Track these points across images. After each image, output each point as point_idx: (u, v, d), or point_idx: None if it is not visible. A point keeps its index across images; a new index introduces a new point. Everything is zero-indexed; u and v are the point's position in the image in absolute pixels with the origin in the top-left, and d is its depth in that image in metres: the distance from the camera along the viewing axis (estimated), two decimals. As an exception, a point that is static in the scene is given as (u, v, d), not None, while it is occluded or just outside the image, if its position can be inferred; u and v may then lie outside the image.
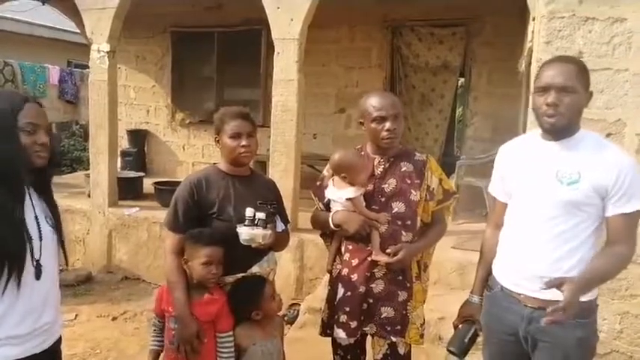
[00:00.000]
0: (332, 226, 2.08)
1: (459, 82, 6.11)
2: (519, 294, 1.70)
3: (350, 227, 2.01)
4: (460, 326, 1.91)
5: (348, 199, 2.02)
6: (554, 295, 1.57)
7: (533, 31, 3.53)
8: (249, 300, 1.96)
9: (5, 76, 8.45)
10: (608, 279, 1.71)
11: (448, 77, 5.75)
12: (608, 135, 2.90)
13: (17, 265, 1.35)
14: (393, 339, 2.05)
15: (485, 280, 1.89)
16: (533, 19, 3.49)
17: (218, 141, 2.06)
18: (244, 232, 1.93)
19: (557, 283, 1.50)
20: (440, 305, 3.45)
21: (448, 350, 1.91)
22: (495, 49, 5.38)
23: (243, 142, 1.99)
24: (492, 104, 5.50)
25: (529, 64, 3.68)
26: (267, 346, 2.01)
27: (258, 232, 1.93)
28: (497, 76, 5.43)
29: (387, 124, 1.98)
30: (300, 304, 3.89)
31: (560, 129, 1.61)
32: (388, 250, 1.97)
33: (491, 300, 1.83)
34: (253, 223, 1.94)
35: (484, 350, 1.93)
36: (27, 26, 10.72)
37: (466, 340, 1.86)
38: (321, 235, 2.31)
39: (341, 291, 2.08)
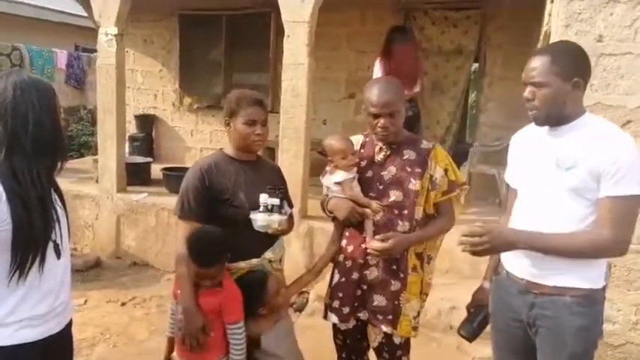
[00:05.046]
0: (327, 212, 2.10)
1: (473, 67, 5.99)
2: (522, 279, 1.71)
3: (339, 214, 2.02)
4: (472, 310, 1.98)
5: (337, 184, 2.02)
6: (557, 281, 1.61)
7: (550, 14, 3.42)
8: (253, 297, 1.96)
9: (12, 61, 8.39)
10: (572, 255, 1.60)
11: (462, 63, 5.62)
12: (628, 122, 2.81)
13: (43, 248, 1.38)
14: (384, 329, 2.03)
15: (497, 265, 1.89)
16: (552, 2, 3.38)
17: (229, 124, 2.01)
18: (260, 219, 1.91)
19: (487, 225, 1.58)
20: (451, 294, 3.41)
21: (459, 334, 1.98)
22: (511, 33, 5.25)
23: (258, 131, 1.97)
24: (507, 90, 5.38)
25: (546, 48, 3.58)
26: (279, 328, 2.03)
27: (275, 217, 1.92)
28: (513, 61, 5.28)
29: (381, 122, 1.95)
30: (309, 292, 3.87)
31: (541, 121, 1.66)
32: (378, 237, 1.96)
33: (498, 285, 1.85)
34: (268, 209, 1.92)
35: (491, 337, 1.92)
36: (34, 10, 10.67)
37: (475, 325, 1.92)
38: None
39: (336, 277, 2.11)
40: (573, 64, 1.60)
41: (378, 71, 4.59)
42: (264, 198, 1.93)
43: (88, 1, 4.92)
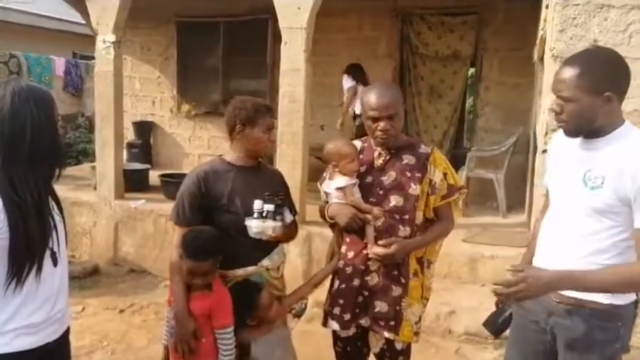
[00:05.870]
0: (327, 218, 2.07)
1: (470, 72, 6.02)
2: None
3: (340, 220, 1.99)
4: (499, 306, 1.93)
5: (338, 189, 2.00)
6: (579, 294, 1.55)
7: (545, 19, 3.44)
8: (244, 308, 1.94)
9: (10, 69, 8.38)
10: (621, 289, 1.54)
11: (458, 68, 5.66)
12: (625, 126, 2.83)
13: (40, 256, 1.38)
14: (387, 335, 2.02)
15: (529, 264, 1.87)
16: (547, 7, 3.40)
17: (242, 131, 1.98)
18: (254, 225, 1.90)
19: (519, 268, 1.52)
20: (450, 299, 3.41)
21: (484, 327, 1.98)
22: (507, 38, 5.29)
23: (273, 138, 2.06)
24: (504, 94, 5.41)
25: (542, 53, 3.60)
26: (271, 338, 2.00)
27: (268, 224, 1.90)
28: (509, 66, 5.33)
29: (381, 125, 1.95)
30: (307, 298, 3.86)
31: (571, 134, 1.59)
32: (381, 242, 1.95)
33: None
34: (262, 215, 1.91)
35: (509, 334, 1.92)
36: (32, 17, 10.68)
37: (500, 321, 1.91)
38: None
39: (336, 283, 2.09)
40: (604, 76, 1.48)
41: (348, 81, 5.32)
42: (258, 204, 1.92)
43: (86, 8, 4.93)
